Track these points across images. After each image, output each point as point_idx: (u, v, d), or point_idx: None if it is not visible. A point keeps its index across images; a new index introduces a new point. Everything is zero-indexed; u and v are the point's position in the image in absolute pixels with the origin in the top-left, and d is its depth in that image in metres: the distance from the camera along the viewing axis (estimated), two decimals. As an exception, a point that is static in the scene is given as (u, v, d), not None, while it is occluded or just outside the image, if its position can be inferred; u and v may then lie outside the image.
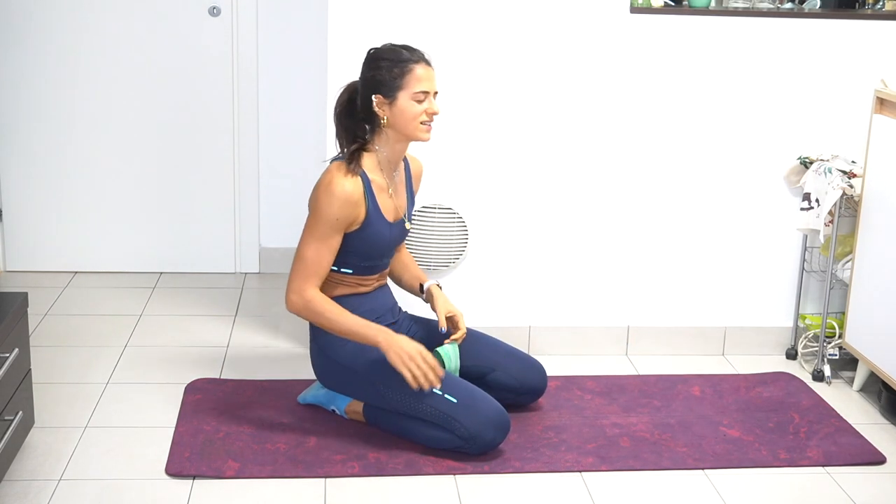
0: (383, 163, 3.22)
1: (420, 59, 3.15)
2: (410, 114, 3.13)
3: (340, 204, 3.10)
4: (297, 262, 3.17)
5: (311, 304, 3.15)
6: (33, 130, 4.61)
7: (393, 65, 3.13)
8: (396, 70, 3.12)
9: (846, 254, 3.86)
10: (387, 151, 3.21)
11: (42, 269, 4.73)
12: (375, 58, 3.17)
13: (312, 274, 3.15)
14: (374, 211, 3.18)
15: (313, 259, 3.14)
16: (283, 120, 4.72)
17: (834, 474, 3.18)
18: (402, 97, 3.12)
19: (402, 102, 3.13)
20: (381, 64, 3.14)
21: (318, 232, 3.13)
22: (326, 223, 3.11)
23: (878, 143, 3.60)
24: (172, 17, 4.56)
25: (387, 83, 3.13)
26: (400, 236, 3.32)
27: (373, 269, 3.29)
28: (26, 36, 4.50)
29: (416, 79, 3.12)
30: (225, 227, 4.81)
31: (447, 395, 3.13)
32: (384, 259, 3.32)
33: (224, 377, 3.70)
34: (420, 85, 3.13)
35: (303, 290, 3.15)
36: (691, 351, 4.06)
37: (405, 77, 3.12)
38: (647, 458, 3.23)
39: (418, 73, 3.13)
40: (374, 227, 3.19)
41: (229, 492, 2.97)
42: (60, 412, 3.38)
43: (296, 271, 3.16)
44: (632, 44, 3.79)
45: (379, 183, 3.20)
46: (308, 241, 3.15)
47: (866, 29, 3.85)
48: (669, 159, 3.91)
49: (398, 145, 3.22)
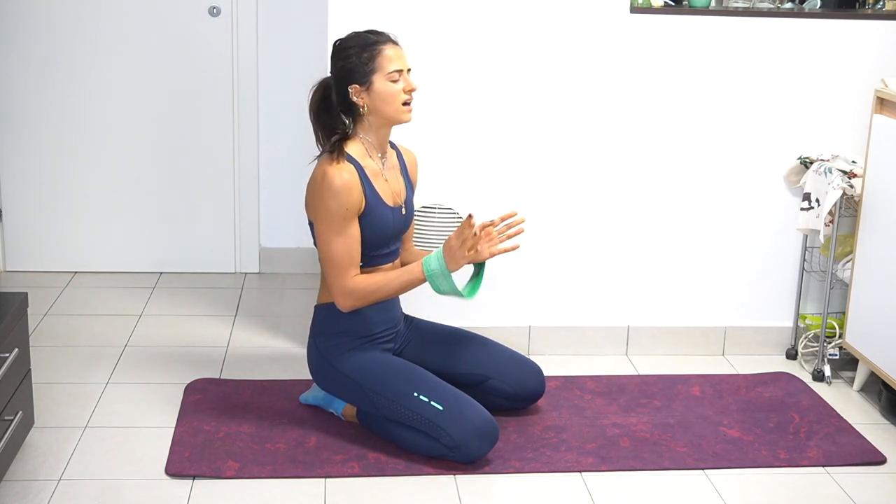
0: (370, 149, 3.20)
1: (387, 40, 3.14)
2: (389, 95, 3.11)
3: (343, 193, 3.07)
4: (328, 263, 3.14)
5: (359, 293, 3.14)
6: (33, 130, 4.61)
7: (361, 50, 3.11)
8: (366, 55, 3.10)
9: (846, 254, 3.86)
10: (372, 137, 3.20)
11: (42, 269, 4.73)
12: (342, 48, 3.15)
13: (346, 267, 3.12)
14: (373, 195, 3.16)
15: (342, 253, 3.11)
16: (283, 120, 4.72)
17: (834, 474, 3.18)
18: (377, 81, 3.10)
19: (379, 86, 3.11)
20: (349, 52, 3.12)
21: (335, 227, 3.10)
22: (338, 216, 3.09)
23: (878, 143, 3.60)
24: (172, 17, 4.56)
25: (359, 70, 3.11)
26: (403, 222, 3.30)
27: (384, 258, 3.26)
28: (26, 36, 4.50)
29: (387, 59, 3.10)
30: (225, 227, 4.81)
31: (434, 403, 3.10)
32: (392, 246, 3.29)
33: (224, 377, 3.70)
34: (392, 64, 3.11)
35: (345, 286, 3.13)
36: (691, 351, 4.06)
37: (376, 60, 3.10)
38: (647, 458, 3.23)
39: (388, 54, 3.11)
40: (377, 211, 3.17)
41: (229, 492, 2.97)
42: (60, 412, 3.38)
43: (331, 273, 3.13)
44: (632, 44, 3.79)
45: (372, 168, 3.18)
46: (329, 240, 3.12)
47: (866, 29, 3.85)
48: (669, 159, 3.91)
49: (382, 130, 3.20)
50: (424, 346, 3.40)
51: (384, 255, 3.26)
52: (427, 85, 3.67)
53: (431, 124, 3.76)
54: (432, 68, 3.72)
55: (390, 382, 3.15)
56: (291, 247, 4.81)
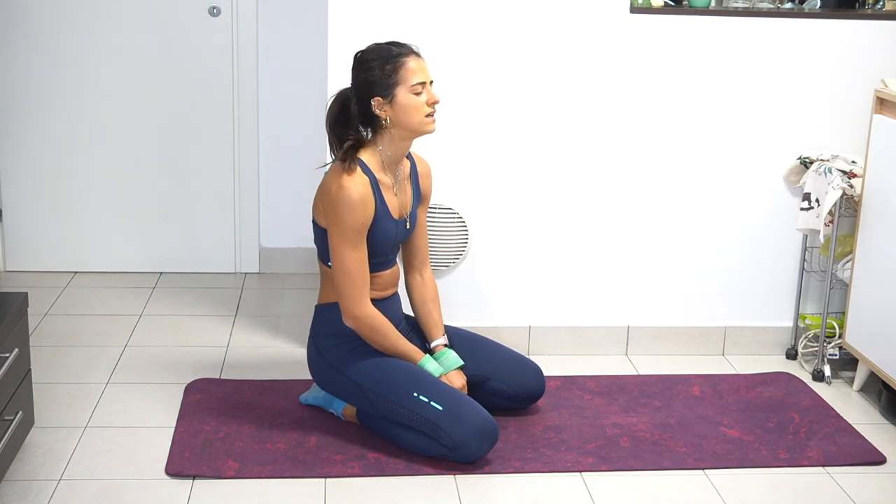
0: (387, 162, 3.20)
1: (410, 52, 3.13)
2: (412, 108, 3.10)
3: (359, 208, 3.07)
4: (343, 276, 3.13)
5: (367, 323, 3.17)
6: (33, 131, 4.61)
7: (384, 62, 3.09)
8: (389, 67, 3.09)
9: (846, 254, 3.86)
10: (391, 151, 3.18)
11: (42, 269, 4.73)
12: (364, 60, 3.13)
13: (361, 286, 3.14)
14: (382, 208, 3.17)
15: (356, 269, 3.12)
16: (283, 120, 4.72)
17: (834, 474, 3.18)
18: (400, 93, 3.09)
19: (402, 98, 3.10)
20: (371, 65, 3.10)
21: (349, 240, 3.10)
22: (352, 230, 3.09)
23: (878, 143, 3.60)
24: (172, 17, 4.56)
25: (381, 82, 3.09)
26: (405, 234, 3.31)
27: (380, 266, 3.26)
28: (26, 36, 4.50)
29: (410, 71, 3.09)
30: (225, 227, 4.81)
31: (433, 403, 3.10)
32: (390, 255, 3.30)
33: (224, 377, 3.70)
34: (416, 77, 3.10)
35: (362, 306, 3.15)
36: (691, 351, 4.06)
37: (399, 72, 3.09)
38: (647, 458, 3.23)
39: (411, 66, 3.10)
40: (382, 224, 3.17)
41: (229, 492, 2.97)
42: (60, 412, 3.38)
43: (345, 285, 3.13)
44: (632, 44, 3.79)
45: (385, 182, 3.18)
46: (343, 252, 3.11)
47: (866, 29, 3.85)
48: (669, 159, 3.91)
49: (403, 143, 3.19)
50: (424, 347, 3.39)
51: (380, 262, 3.27)
52: (427, 85, 3.68)
53: (431, 124, 3.76)
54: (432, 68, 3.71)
55: (390, 383, 3.15)
56: (291, 247, 4.81)
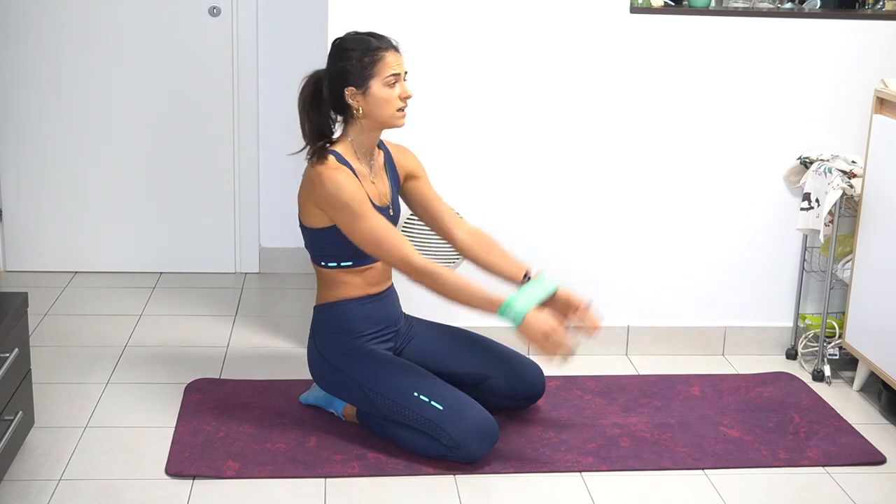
0: (359, 151, 3.19)
1: (389, 46, 3.12)
2: (385, 101, 3.09)
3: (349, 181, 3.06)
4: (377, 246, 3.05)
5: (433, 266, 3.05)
6: (33, 131, 4.61)
7: (363, 54, 3.09)
8: (367, 59, 3.08)
9: (846, 254, 3.86)
10: (361, 140, 3.18)
11: (42, 269, 4.73)
12: (343, 48, 3.12)
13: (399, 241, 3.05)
14: None
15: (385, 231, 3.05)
16: (282, 120, 4.71)
17: (834, 474, 3.18)
18: (374, 85, 3.09)
19: (376, 90, 3.09)
20: (350, 54, 3.10)
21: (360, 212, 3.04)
22: (355, 201, 3.04)
23: (878, 143, 3.60)
24: (172, 17, 4.57)
25: (357, 73, 3.09)
26: (389, 219, 3.26)
27: (368, 258, 3.22)
28: (25, 36, 4.50)
29: (387, 66, 3.09)
30: (225, 227, 4.81)
31: (433, 403, 3.10)
32: None
33: (224, 377, 3.70)
34: (391, 69, 3.09)
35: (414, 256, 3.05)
36: (691, 351, 4.06)
37: (376, 65, 3.08)
38: (647, 458, 3.23)
39: (388, 60, 3.10)
40: None
41: (229, 492, 2.97)
42: (60, 412, 3.38)
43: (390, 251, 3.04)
44: (632, 44, 3.79)
45: (361, 171, 3.17)
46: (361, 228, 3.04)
47: (866, 29, 3.85)
48: (669, 159, 3.91)
49: (372, 133, 3.19)
50: (424, 345, 3.39)
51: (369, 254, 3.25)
52: (427, 84, 3.67)
53: (431, 124, 3.76)
54: (432, 68, 3.72)
55: (390, 382, 3.15)
56: (291, 247, 4.81)
